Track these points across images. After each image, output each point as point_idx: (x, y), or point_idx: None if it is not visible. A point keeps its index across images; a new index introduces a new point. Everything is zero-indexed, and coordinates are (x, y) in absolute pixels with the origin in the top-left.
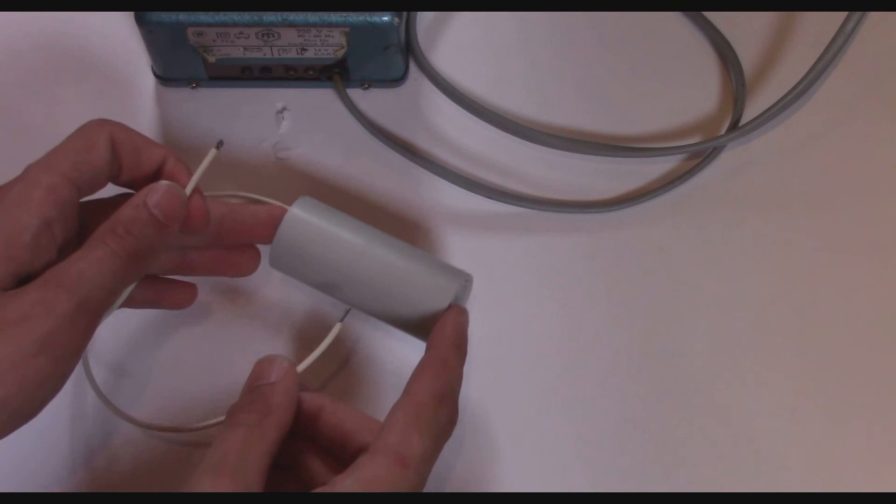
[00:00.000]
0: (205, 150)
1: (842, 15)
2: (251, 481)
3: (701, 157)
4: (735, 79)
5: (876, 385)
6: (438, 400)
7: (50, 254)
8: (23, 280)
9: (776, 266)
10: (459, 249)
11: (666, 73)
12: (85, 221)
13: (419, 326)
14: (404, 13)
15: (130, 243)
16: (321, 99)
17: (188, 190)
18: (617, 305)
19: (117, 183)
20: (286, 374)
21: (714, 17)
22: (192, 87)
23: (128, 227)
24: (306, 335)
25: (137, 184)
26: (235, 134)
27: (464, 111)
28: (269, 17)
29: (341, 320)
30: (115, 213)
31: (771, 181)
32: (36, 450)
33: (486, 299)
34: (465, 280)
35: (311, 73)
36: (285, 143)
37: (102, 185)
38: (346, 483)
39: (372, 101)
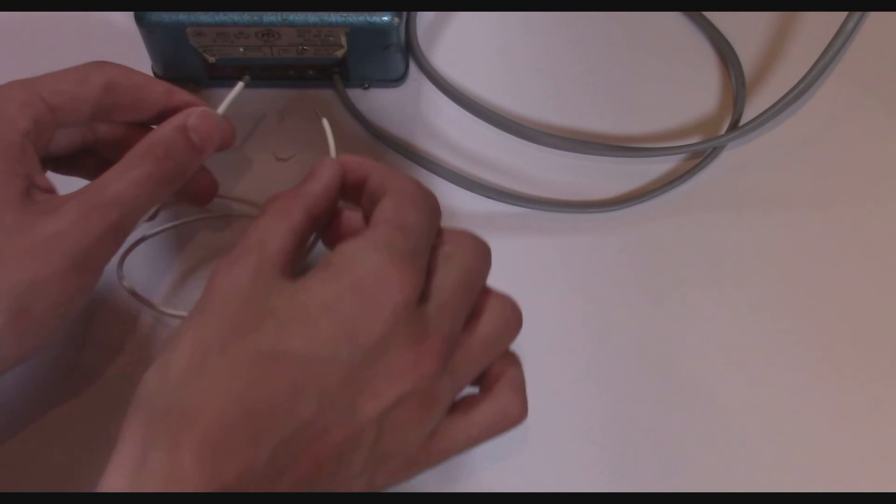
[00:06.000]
0: None
1: (842, 15)
2: (269, 253)
3: (701, 157)
4: (735, 79)
5: (876, 384)
6: (416, 187)
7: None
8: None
9: (776, 266)
10: None
11: (666, 73)
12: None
13: None
14: (404, 13)
15: (168, 166)
16: (321, 99)
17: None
18: (616, 305)
19: (120, 119)
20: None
21: (714, 17)
22: (192, 88)
23: (168, 149)
24: None
25: (144, 120)
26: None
27: (464, 111)
28: (269, 17)
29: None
30: (153, 133)
31: (771, 181)
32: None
33: None
34: None
35: (311, 73)
36: (285, 144)
37: (84, 119)
38: (343, 246)
39: (372, 101)
